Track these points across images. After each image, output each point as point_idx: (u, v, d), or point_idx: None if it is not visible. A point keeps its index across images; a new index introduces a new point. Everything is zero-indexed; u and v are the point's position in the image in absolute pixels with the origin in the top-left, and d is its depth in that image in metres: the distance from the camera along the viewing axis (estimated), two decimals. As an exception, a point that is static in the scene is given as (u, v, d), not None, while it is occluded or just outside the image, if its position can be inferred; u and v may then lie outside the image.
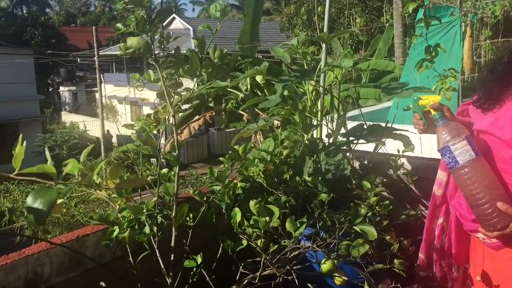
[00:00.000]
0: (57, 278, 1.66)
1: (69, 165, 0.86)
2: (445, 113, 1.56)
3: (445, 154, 1.51)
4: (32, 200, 0.75)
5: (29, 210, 0.73)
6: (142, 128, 1.90)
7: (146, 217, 1.70)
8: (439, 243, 1.78)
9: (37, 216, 0.73)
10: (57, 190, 0.78)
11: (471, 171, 1.46)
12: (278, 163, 2.21)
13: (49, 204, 0.75)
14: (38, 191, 0.76)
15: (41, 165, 0.79)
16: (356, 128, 2.49)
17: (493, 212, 1.43)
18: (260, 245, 1.58)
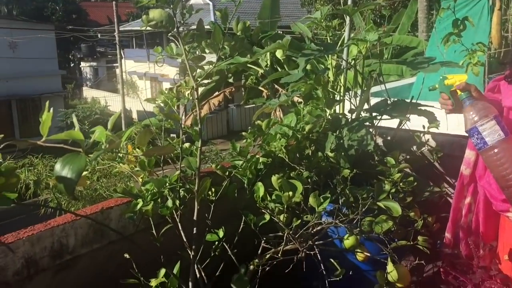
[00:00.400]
0: (82, 249, 1.69)
1: (97, 132, 0.86)
2: (472, 93, 1.52)
3: (473, 135, 1.47)
4: (60, 167, 0.75)
5: (59, 179, 0.73)
6: (165, 102, 1.89)
7: (169, 190, 1.70)
8: (466, 222, 1.75)
9: (66, 185, 0.73)
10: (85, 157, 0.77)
11: (501, 151, 1.42)
12: (300, 138, 2.19)
13: (77, 172, 0.75)
14: (67, 158, 0.76)
15: (69, 132, 0.79)
16: (380, 104, 2.44)
17: None
18: (283, 220, 1.58)
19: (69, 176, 0.75)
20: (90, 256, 1.75)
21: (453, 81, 1.54)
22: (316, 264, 1.61)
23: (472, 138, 1.48)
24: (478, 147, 1.47)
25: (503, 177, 1.43)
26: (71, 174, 0.75)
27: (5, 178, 1.18)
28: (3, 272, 1.46)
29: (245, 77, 10.94)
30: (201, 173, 1.79)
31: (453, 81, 1.54)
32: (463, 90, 1.51)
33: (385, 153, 2.37)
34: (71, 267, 1.69)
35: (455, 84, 1.53)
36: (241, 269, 1.66)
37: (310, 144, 2.23)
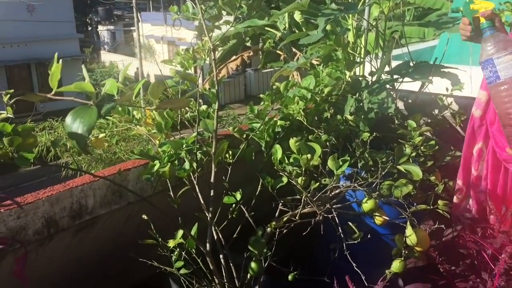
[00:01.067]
0: (101, 210, 1.70)
1: (108, 84, 0.83)
2: (496, 23, 1.44)
3: (486, 67, 1.41)
4: (71, 120, 0.73)
5: (70, 134, 0.72)
6: (181, 63, 1.86)
7: (186, 152, 1.69)
8: (477, 170, 1.71)
9: (78, 140, 0.71)
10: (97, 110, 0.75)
11: (511, 88, 1.37)
12: (319, 101, 2.14)
13: (89, 125, 0.73)
14: (77, 110, 0.74)
15: (79, 83, 0.77)
16: (402, 66, 2.38)
17: None
18: (301, 182, 1.56)
19: (80, 131, 0.73)
20: (109, 217, 1.76)
21: (479, 7, 1.47)
22: (333, 227, 1.60)
23: (484, 71, 1.42)
24: (489, 80, 1.42)
25: (508, 114, 1.40)
26: (82, 128, 0.74)
27: (23, 138, 1.18)
28: (24, 231, 1.48)
29: (263, 41, 10.78)
30: (218, 135, 1.77)
31: (479, 7, 1.47)
32: (487, 18, 1.44)
33: (406, 117, 2.32)
34: (90, 227, 1.71)
35: (480, 10, 1.46)
36: (258, 231, 1.66)
37: (329, 107, 2.19)
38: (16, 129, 1.18)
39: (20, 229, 1.48)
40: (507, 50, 1.37)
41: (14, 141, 1.15)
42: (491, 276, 1.36)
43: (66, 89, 0.77)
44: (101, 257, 1.84)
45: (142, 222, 1.62)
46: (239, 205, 1.76)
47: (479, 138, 1.71)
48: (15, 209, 1.45)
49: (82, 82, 0.78)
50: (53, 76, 0.78)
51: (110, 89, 0.83)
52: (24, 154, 1.17)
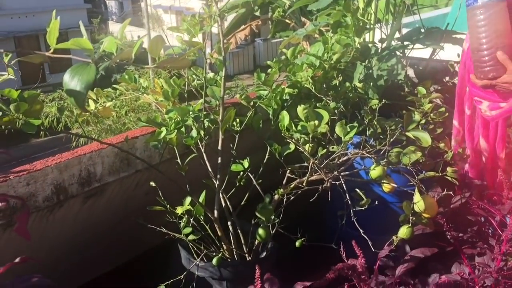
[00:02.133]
0: (109, 177, 1.72)
1: (106, 41, 0.82)
2: None
3: None
4: (69, 78, 0.73)
5: (68, 92, 0.71)
6: (187, 30, 1.84)
7: (193, 120, 1.69)
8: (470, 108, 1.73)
9: (76, 97, 0.71)
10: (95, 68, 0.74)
11: (486, 12, 1.39)
12: (327, 68, 2.11)
13: (87, 83, 0.73)
14: (75, 68, 0.73)
15: (76, 39, 0.76)
16: (413, 32, 2.34)
17: (491, 60, 1.40)
18: (308, 149, 1.55)
19: (78, 88, 0.73)
20: (118, 184, 1.78)
21: None
22: (341, 194, 1.60)
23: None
24: (468, 3, 1.45)
25: (478, 39, 1.42)
26: (80, 86, 0.73)
27: (29, 105, 1.18)
28: (34, 198, 1.50)
29: (272, 10, 10.63)
30: (225, 103, 1.76)
31: None
32: None
33: (416, 84, 2.29)
34: (99, 194, 1.73)
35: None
36: (266, 198, 1.67)
37: (338, 74, 2.16)
38: (22, 95, 1.18)
39: (30, 195, 1.50)
40: None
41: (20, 107, 1.15)
42: (499, 242, 1.36)
43: (63, 45, 0.77)
44: (111, 224, 1.87)
45: (151, 189, 1.63)
46: (247, 173, 1.76)
47: None
48: (24, 176, 1.47)
49: (80, 38, 0.76)
50: (50, 33, 0.77)
51: (108, 46, 0.82)
52: (31, 120, 1.17)
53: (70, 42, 0.76)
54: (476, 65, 1.46)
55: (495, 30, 1.39)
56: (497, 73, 1.41)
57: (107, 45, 0.82)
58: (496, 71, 1.41)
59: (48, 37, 0.78)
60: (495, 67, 1.40)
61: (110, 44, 0.82)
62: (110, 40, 0.83)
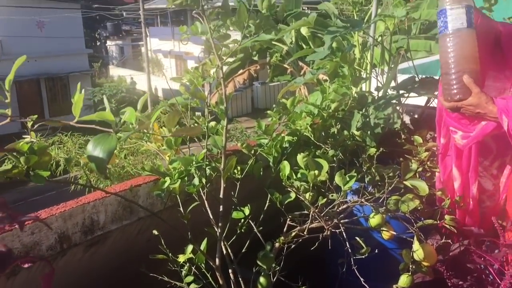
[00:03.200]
0: (112, 225, 1.74)
1: (127, 113, 0.88)
2: None
3: (440, 17, 1.50)
4: (92, 147, 0.77)
5: (91, 158, 0.75)
6: (190, 81, 1.91)
7: (196, 168, 1.73)
8: None
9: (98, 164, 0.75)
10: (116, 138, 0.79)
11: (456, 39, 1.47)
12: (326, 116, 2.18)
13: (108, 151, 0.77)
14: (98, 138, 0.78)
15: (101, 113, 0.81)
16: (407, 81, 2.41)
17: (458, 83, 1.47)
18: (309, 198, 1.58)
19: (100, 155, 0.77)
20: (120, 232, 1.80)
21: None
22: (341, 242, 1.62)
23: (438, 21, 1.51)
24: (440, 30, 1.51)
25: (447, 63, 1.49)
26: (103, 154, 0.78)
27: (38, 156, 1.22)
28: (38, 247, 1.52)
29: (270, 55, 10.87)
30: (227, 151, 1.81)
31: None
32: None
33: (412, 132, 2.35)
34: (102, 242, 1.74)
35: None
36: (267, 246, 1.69)
37: (336, 122, 2.22)
38: (32, 147, 1.22)
39: (34, 244, 1.51)
40: (460, 4, 1.46)
41: (30, 160, 1.19)
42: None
43: (88, 118, 0.82)
44: (112, 271, 1.87)
45: (153, 236, 1.65)
46: (248, 220, 1.78)
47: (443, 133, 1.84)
48: (29, 225, 1.49)
49: (104, 112, 0.82)
50: (76, 105, 0.82)
51: (129, 117, 0.87)
52: (40, 172, 1.21)
53: (95, 115, 0.82)
54: (445, 88, 1.53)
55: (462, 55, 1.47)
56: (463, 95, 1.47)
57: (127, 116, 0.87)
58: (462, 93, 1.47)
59: (73, 109, 0.83)
60: (461, 89, 1.47)
61: (130, 115, 0.87)
62: (131, 112, 0.89)
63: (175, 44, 24.93)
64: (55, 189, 10.77)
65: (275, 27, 2.45)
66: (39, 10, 21.04)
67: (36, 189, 12.23)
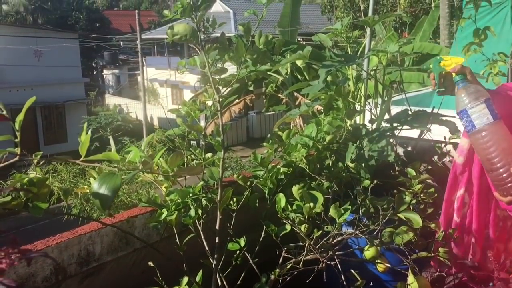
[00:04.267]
0: (107, 257, 1.74)
1: (132, 153, 0.91)
2: (467, 76, 1.53)
3: (462, 117, 1.51)
4: (98, 186, 0.80)
5: (95, 195, 0.78)
6: (188, 113, 1.94)
7: (192, 200, 1.74)
8: (459, 216, 1.76)
9: (102, 201, 0.77)
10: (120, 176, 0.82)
11: (488, 135, 1.45)
12: (320, 148, 2.21)
13: (113, 190, 0.80)
14: (103, 177, 0.80)
15: (107, 153, 0.84)
16: (401, 114, 2.45)
17: (508, 177, 1.43)
18: (304, 230, 1.60)
19: (105, 193, 0.80)
20: (116, 263, 1.79)
21: (449, 63, 1.56)
22: (336, 274, 1.63)
23: (462, 121, 1.52)
24: (467, 129, 1.50)
25: (488, 160, 1.46)
26: (108, 192, 0.80)
27: (37, 189, 1.24)
28: (33, 278, 1.51)
29: (265, 85, 11.02)
30: (223, 182, 1.83)
31: (449, 63, 1.56)
32: (458, 72, 1.53)
33: (406, 164, 2.38)
34: (97, 273, 1.74)
35: (450, 66, 1.55)
36: (263, 278, 1.69)
37: (331, 154, 2.25)
38: (32, 179, 1.24)
39: (29, 276, 1.51)
40: (478, 100, 1.47)
41: (31, 191, 1.21)
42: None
43: (95, 157, 0.85)
44: (106, 304, 1.86)
45: (148, 268, 1.65)
46: (244, 252, 1.79)
47: (461, 185, 1.77)
48: (25, 257, 1.49)
49: (110, 152, 0.85)
50: (83, 145, 0.85)
51: (133, 157, 0.90)
52: (39, 204, 1.22)
53: (101, 155, 0.85)
54: (496, 184, 1.49)
55: (503, 149, 1.44)
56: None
57: (132, 156, 0.90)
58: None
59: (80, 149, 0.86)
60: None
61: (135, 155, 0.90)
62: (135, 152, 0.92)
63: (172, 73, 25.20)
64: (49, 218, 10.69)
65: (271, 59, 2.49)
66: (36, 39, 21.27)
67: (30, 217, 12.10)
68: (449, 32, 9.73)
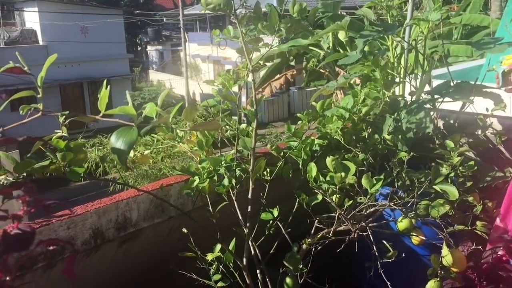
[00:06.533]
0: (144, 223, 1.79)
1: (148, 107, 0.92)
2: None
3: None
4: (115, 139, 0.82)
5: (113, 150, 0.80)
6: (222, 84, 1.95)
7: (225, 169, 1.76)
8: None
9: (119, 155, 0.79)
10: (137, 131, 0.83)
11: None
12: (356, 120, 2.17)
13: (130, 143, 0.81)
14: (120, 131, 0.83)
15: (123, 107, 0.85)
16: (442, 86, 2.37)
17: None
18: (335, 200, 1.59)
19: (122, 147, 0.82)
20: (152, 230, 1.85)
21: (510, 62, 1.50)
22: (368, 245, 1.62)
23: None
24: None
25: None
26: (124, 146, 0.82)
27: (74, 154, 1.28)
28: (73, 241, 1.58)
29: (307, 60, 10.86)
30: (256, 153, 1.83)
31: (510, 62, 1.50)
32: None
33: (446, 137, 2.31)
34: (134, 239, 1.80)
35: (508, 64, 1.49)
36: (294, 248, 1.70)
37: (367, 126, 2.21)
38: (69, 145, 1.28)
39: (70, 239, 1.58)
40: None
41: (66, 156, 1.25)
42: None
43: (112, 111, 0.86)
44: (144, 268, 1.92)
45: (183, 235, 1.69)
46: (276, 222, 1.80)
47: None
48: (65, 220, 1.56)
49: (126, 106, 0.86)
50: (101, 100, 0.87)
51: (149, 112, 0.91)
52: (75, 168, 1.27)
53: (117, 109, 0.87)
54: None
55: None
56: None
57: (148, 111, 0.92)
58: None
59: (99, 103, 0.89)
60: None
61: (151, 110, 0.92)
62: (151, 107, 0.93)
63: (214, 49, 25.24)
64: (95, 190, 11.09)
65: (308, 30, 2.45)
66: (82, 16, 21.73)
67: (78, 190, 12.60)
68: (500, 3, 9.25)
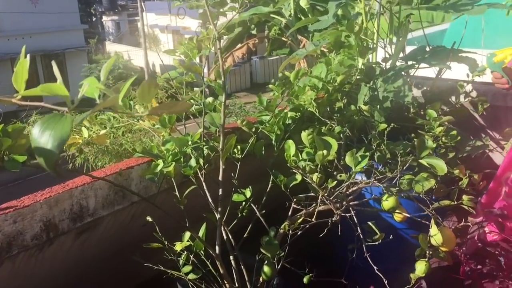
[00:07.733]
0: (103, 211, 1.61)
1: (85, 85, 0.66)
2: None
3: None
4: (39, 131, 0.57)
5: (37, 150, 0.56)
6: (185, 54, 1.75)
7: (192, 149, 1.59)
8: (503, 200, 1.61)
9: (46, 157, 0.56)
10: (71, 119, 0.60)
11: None
12: (331, 90, 2.03)
13: (60, 139, 0.56)
14: (47, 120, 0.58)
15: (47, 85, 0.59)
16: (417, 51, 2.25)
17: None
18: (316, 180, 1.45)
19: (49, 146, 0.57)
20: (113, 218, 1.67)
21: (503, 57, 1.38)
22: (350, 226, 1.50)
23: None
24: None
25: None
26: (52, 144, 0.57)
27: (13, 140, 1.08)
28: (21, 237, 1.39)
29: (268, 28, 10.62)
30: (225, 129, 1.66)
31: (503, 57, 1.38)
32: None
33: (422, 105, 2.20)
34: (92, 229, 1.62)
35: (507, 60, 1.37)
36: (271, 232, 1.56)
37: (342, 96, 2.07)
38: (6, 129, 1.08)
39: (17, 234, 1.39)
40: None
41: (3, 143, 1.05)
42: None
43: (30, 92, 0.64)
44: (105, 260, 1.76)
45: (148, 222, 1.52)
46: (249, 203, 1.66)
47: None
48: (10, 213, 1.36)
49: (52, 84, 0.62)
50: (17, 76, 0.62)
51: (89, 92, 0.68)
52: (15, 156, 1.07)
53: (39, 88, 0.61)
54: None
55: None
56: None
57: (87, 89, 0.67)
58: None
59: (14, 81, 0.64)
60: None
61: (90, 88, 0.68)
62: (91, 82, 0.69)
63: (172, 19, 24.55)
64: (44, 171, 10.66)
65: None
66: (31, -15, 20.61)
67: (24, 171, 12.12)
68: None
